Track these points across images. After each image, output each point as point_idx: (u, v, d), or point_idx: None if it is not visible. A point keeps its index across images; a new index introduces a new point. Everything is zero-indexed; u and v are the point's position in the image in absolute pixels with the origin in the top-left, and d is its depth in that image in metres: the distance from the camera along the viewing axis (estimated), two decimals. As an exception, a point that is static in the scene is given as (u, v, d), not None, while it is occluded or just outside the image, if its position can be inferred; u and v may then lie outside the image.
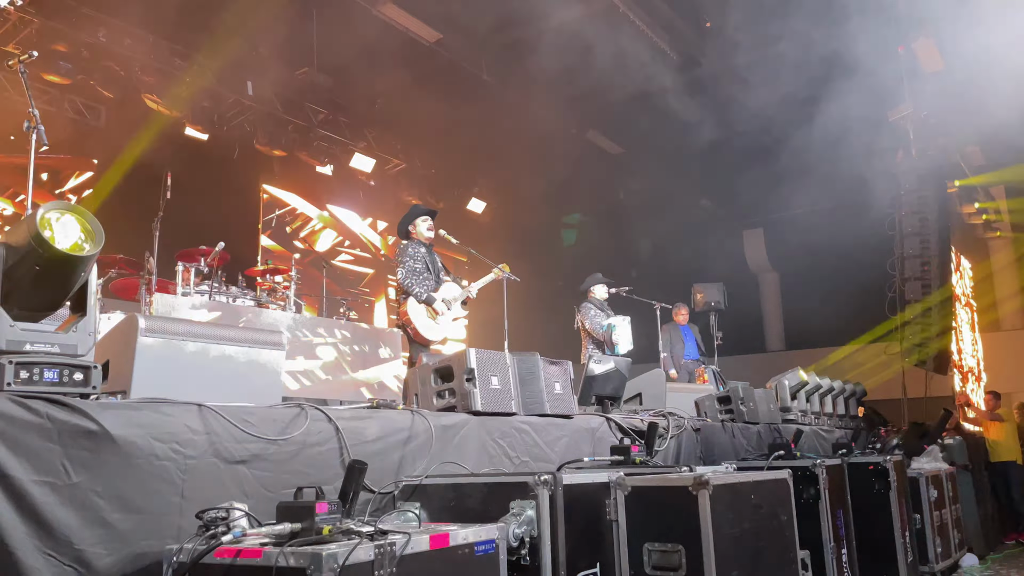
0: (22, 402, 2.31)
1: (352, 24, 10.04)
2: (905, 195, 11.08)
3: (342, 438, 3.11)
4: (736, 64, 11.00)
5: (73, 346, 2.60)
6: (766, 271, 16.71)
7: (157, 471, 2.53)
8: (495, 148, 12.98)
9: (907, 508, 5.55)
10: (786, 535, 3.69)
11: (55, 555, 2.27)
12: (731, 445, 5.72)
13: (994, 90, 9.33)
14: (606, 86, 11.26)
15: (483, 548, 2.51)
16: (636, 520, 3.16)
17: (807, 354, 13.11)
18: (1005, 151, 11.81)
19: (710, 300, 11.07)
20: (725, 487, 3.20)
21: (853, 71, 9.86)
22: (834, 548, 4.54)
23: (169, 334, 3.00)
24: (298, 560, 2.06)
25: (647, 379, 6.23)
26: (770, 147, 11.93)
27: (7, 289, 2.47)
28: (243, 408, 2.87)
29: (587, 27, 10.24)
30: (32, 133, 3.94)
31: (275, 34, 10.15)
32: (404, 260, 6.35)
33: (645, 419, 4.97)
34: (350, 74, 11.26)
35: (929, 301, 10.71)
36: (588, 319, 8.11)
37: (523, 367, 4.25)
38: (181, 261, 7.75)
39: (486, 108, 11.86)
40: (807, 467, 4.58)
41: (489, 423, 3.86)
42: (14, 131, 9.09)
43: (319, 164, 12.38)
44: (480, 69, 11.50)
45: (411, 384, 4.16)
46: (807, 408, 7.51)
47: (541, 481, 2.87)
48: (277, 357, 3.37)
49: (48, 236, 2.45)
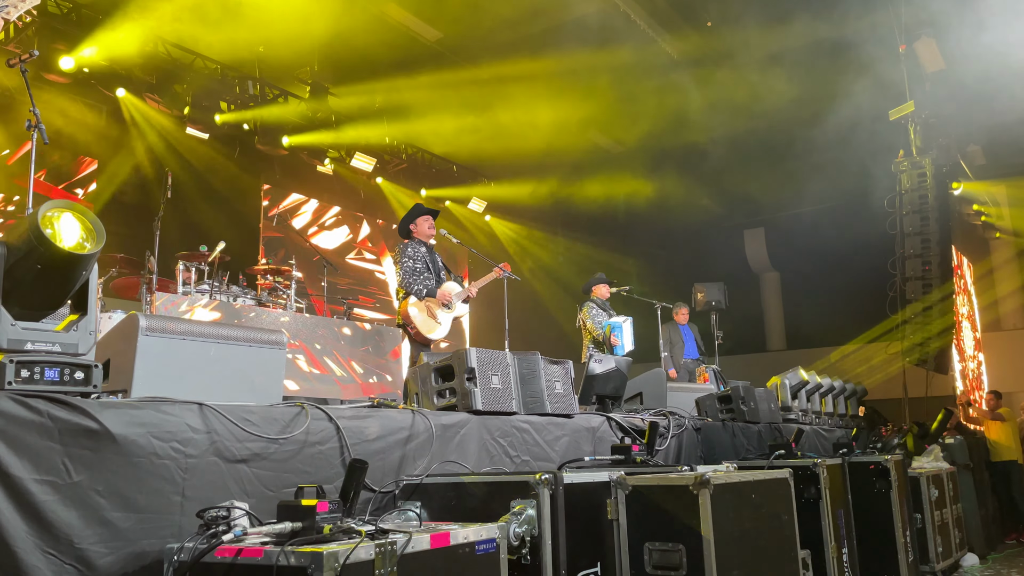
0: (23, 401, 2.31)
1: (354, 22, 10.05)
2: (906, 195, 11.09)
3: (343, 437, 3.11)
4: (738, 63, 11.00)
5: (74, 345, 2.60)
6: (767, 270, 16.71)
7: (158, 470, 2.53)
8: (497, 146, 12.97)
9: (908, 507, 5.54)
10: (787, 534, 3.68)
11: (56, 554, 2.27)
12: (732, 444, 5.72)
13: (995, 90, 9.34)
14: (607, 85, 11.27)
15: (484, 547, 2.51)
16: (637, 519, 3.16)
17: (808, 353, 13.11)
18: (1006, 151, 11.82)
19: (711, 299, 11.07)
20: (726, 486, 3.20)
21: (855, 70, 9.87)
22: (835, 547, 4.54)
23: (170, 333, 3.00)
24: (299, 559, 2.06)
25: (648, 378, 6.24)
26: (771, 146, 11.95)
27: (8, 288, 2.47)
28: (244, 407, 2.87)
29: (587, 26, 10.25)
30: (33, 132, 3.95)
31: (276, 34, 10.16)
32: (404, 259, 6.34)
33: (646, 418, 4.97)
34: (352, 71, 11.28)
35: (929, 300, 10.71)
36: (590, 318, 8.12)
37: (524, 366, 4.24)
38: (182, 260, 7.76)
39: (487, 106, 11.85)
40: (808, 466, 4.58)
41: (490, 422, 3.86)
42: (16, 130, 9.12)
43: (320, 163, 12.38)
44: (481, 66, 11.50)
45: (412, 383, 4.16)
46: (808, 408, 7.51)
47: (542, 480, 2.87)
48: (278, 356, 3.37)
49: (49, 234, 2.45)
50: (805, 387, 7.47)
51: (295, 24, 9.63)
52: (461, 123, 12.14)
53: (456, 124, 12.19)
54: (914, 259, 10.90)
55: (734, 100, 11.58)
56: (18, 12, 3.97)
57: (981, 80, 9.41)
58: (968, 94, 9.92)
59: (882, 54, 10.38)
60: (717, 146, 12.58)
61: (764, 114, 11.48)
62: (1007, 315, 14.31)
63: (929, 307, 10.67)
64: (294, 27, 9.71)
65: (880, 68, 10.39)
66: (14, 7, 3.95)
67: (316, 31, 9.94)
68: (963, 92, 9.99)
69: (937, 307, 10.70)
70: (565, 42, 10.33)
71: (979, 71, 9.27)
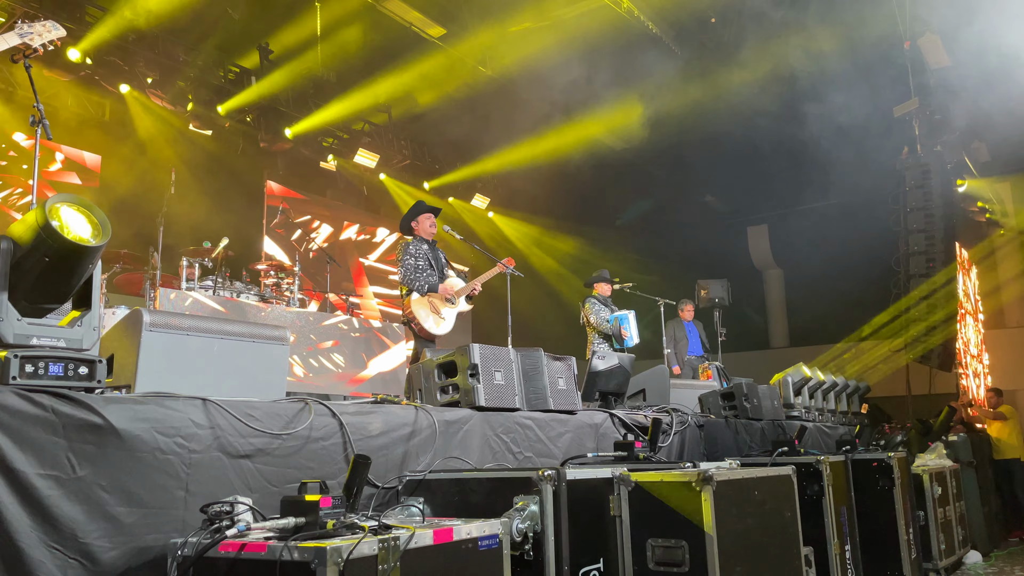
0: (27, 396, 2.32)
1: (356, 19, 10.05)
2: (910, 191, 11.06)
3: (346, 433, 3.12)
4: (741, 59, 10.97)
5: (78, 340, 2.61)
6: (770, 267, 16.68)
7: (162, 465, 2.53)
8: (499, 144, 12.96)
9: (911, 505, 5.53)
10: (789, 531, 3.68)
11: (60, 548, 2.28)
12: (735, 441, 5.72)
13: (1000, 86, 9.30)
14: (607, 82, 11.24)
15: (487, 543, 2.52)
16: (639, 516, 3.16)
17: (811, 350, 13.09)
18: (1011, 148, 11.77)
19: (714, 296, 11.05)
20: (729, 483, 3.20)
21: (860, 66, 9.84)
22: (837, 545, 4.53)
23: (173, 329, 3.01)
24: (302, 554, 2.07)
25: (651, 375, 6.24)
26: (775, 143, 11.91)
27: (12, 283, 2.48)
28: (247, 403, 2.88)
29: (588, 25, 10.23)
30: (37, 128, 3.95)
31: (279, 32, 10.17)
32: (406, 257, 6.35)
33: (649, 415, 4.97)
34: (355, 70, 11.27)
35: (934, 283, 10.67)
36: (593, 314, 8.11)
37: (527, 363, 4.25)
38: (185, 256, 7.77)
39: (487, 104, 11.84)
40: (811, 463, 4.58)
41: (493, 418, 3.86)
42: (21, 126, 9.14)
43: (323, 160, 12.37)
44: (482, 63, 11.49)
45: (415, 379, 4.16)
46: (811, 404, 7.50)
47: (545, 476, 2.87)
48: (281, 352, 3.38)
49: (57, 226, 2.45)
50: (808, 384, 7.46)
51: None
52: (462, 120, 12.12)
53: (458, 121, 12.18)
54: (918, 256, 10.87)
55: (738, 96, 11.55)
56: (42, 40, 3.99)
57: (986, 76, 9.37)
58: (973, 90, 9.87)
59: (887, 50, 10.35)
60: (720, 143, 12.54)
61: (768, 110, 11.44)
62: (1011, 312, 14.26)
63: (934, 291, 10.62)
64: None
65: (885, 64, 10.36)
66: (39, 35, 3.97)
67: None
68: (968, 88, 9.94)
69: (941, 292, 10.67)
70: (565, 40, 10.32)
71: (984, 67, 9.22)
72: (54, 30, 4.06)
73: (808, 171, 11.92)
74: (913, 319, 10.82)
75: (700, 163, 13.51)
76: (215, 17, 10.05)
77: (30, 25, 4.00)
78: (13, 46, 3.96)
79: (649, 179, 14.95)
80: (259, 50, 10.90)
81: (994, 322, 13.98)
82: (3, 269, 2.44)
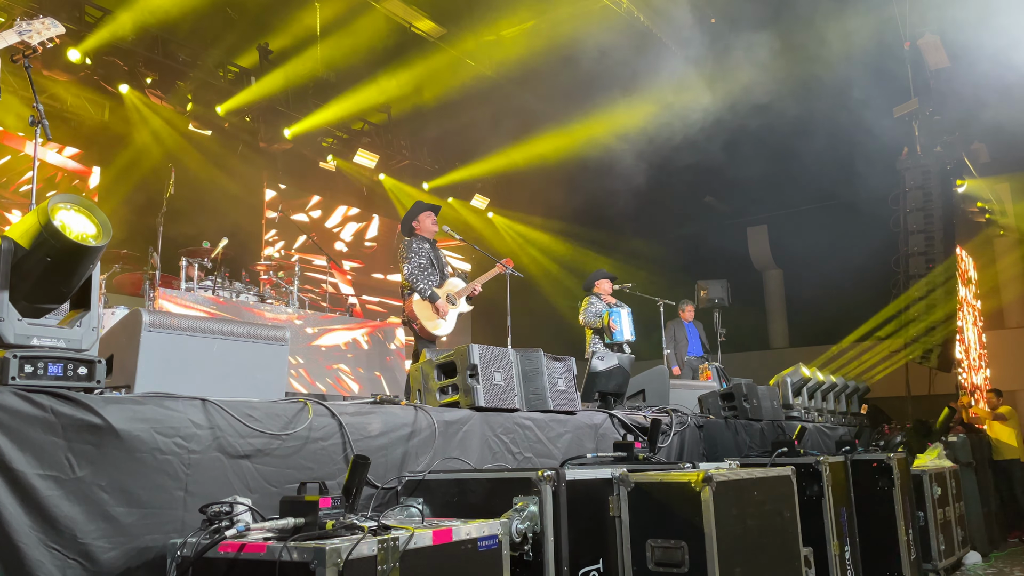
0: (27, 396, 2.32)
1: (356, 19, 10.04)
2: (910, 192, 11.06)
3: (345, 433, 3.11)
4: (740, 59, 10.97)
5: (77, 341, 2.61)
6: (770, 268, 16.68)
7: (161, 465, 2.53)
8: (498, 144, 12.96)
9: (910, 505, 5.53)
10: (789, 532, 3.68)
11: (59, 548, 2.28)
12: (734, 442, 5.72)
13: (1000, 87, 9.30)
14: (607, 82, 11.24)
15: (486, 543, 2.51)
16: (639, 516, 3.16)
17: (810, 351, 13.08)
18: (1011, 148, 11.77)
19: (714, 297, 11.05)
20: (728, 484, 3.20)
21: (859, 67, 9.84)
22: (837, 545, 4.53)
23: (173, 329, 3.00)
24: (301, 555, 2.07)
25: (650, 376, 6.23)
26: (774, 143, 11.90)
27: (13, 283, 2.47)
28: (247, 403, 2.88)
29: (587, 25, 10.23)
30: (37, 128, 3.95)
31: (279, 32, 10.16)
32: (409, 256, 6.34)
33: (648, 415, 4.97)
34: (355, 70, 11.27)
35: (933, 299, 10.68)
36: (584, 312, 8.08)
37: (526, 363, 4.24)
38: (185, 257, 7.77)
39: (487, 103, 11.84)
40: (810, 464, 4.58)
41: (492, 419, 3.86)
42: (19, 125, 9.13)
43: (322, 160, 12.37)
44: (481, 63, 11.49)
45: (414, 380, 4.16)
46: (810, 405, 7.50)
47: (544, 477, 2.87)
48: (281, 352, 3.38)
49: (59, 226, 2.45)
50: (807, 385, 7.46)
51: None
52: (463, 119, 12.13)
53: (459, 120, 12.18)
54: (918, 257, 10.87)
55: (737, 96, 11.55)
56: (40, 38, 3.98)
57: (986, 77, 9.37)
58: (972, 91, 9.88)
59: (886, 51, 10.34)
60: (719, 143, 12.54)
61: (767, 110, 11.44)
62: (1010, 313, 14.26)
63: (933, 291, 10.62)
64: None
65: (884, 65, 10.36)
66: (37, 32, 3.96)
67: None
68: (967, 89, 9.94)
69: (940, 292, 10.66)
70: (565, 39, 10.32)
71: (984, 68, 9.23)
72: (53, 27, 4.05)
73: (808, 171, 11.91)
74: (912, 319, 10.81)
75: (700, 163, 13.50)
76: (215, 17, 10.05)
77: (28, 23, 3.99)
78: (12, 44, 3.95)
79: (649, 179, 14.93)
80: (259, 50, 10.93)
81: (994, 322, 13.98)
82: (4, 269, 2.44)
